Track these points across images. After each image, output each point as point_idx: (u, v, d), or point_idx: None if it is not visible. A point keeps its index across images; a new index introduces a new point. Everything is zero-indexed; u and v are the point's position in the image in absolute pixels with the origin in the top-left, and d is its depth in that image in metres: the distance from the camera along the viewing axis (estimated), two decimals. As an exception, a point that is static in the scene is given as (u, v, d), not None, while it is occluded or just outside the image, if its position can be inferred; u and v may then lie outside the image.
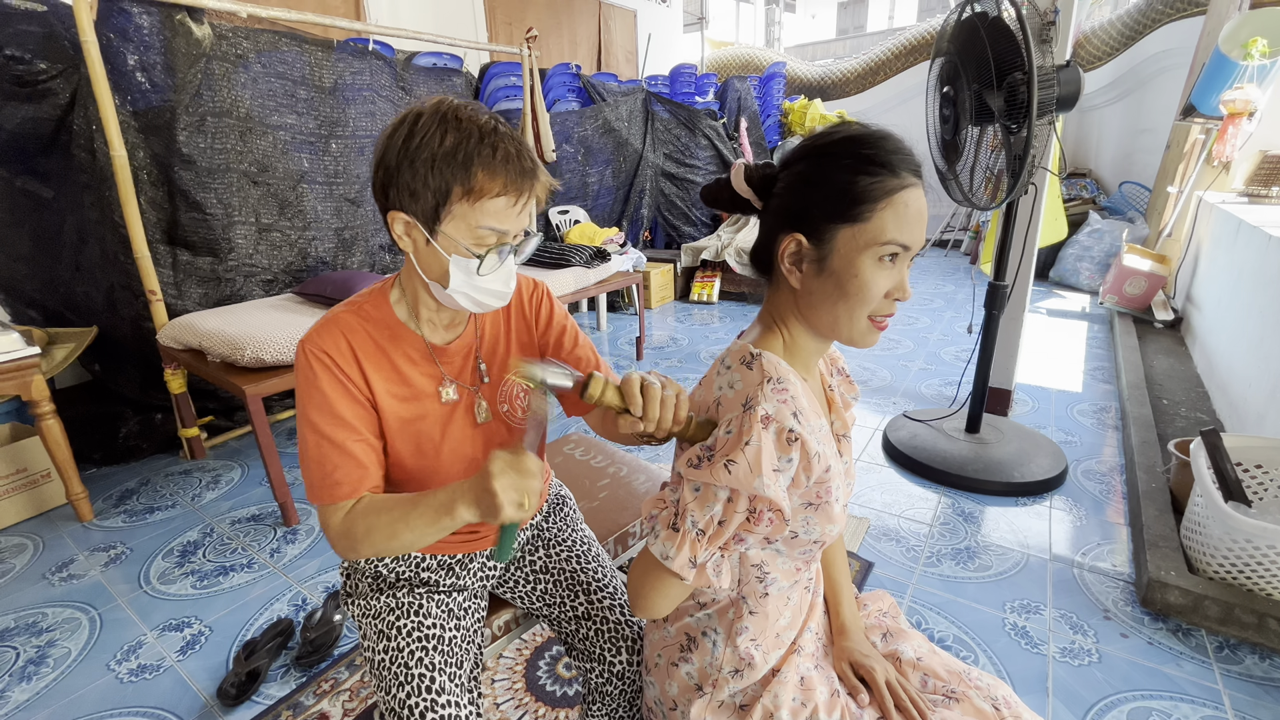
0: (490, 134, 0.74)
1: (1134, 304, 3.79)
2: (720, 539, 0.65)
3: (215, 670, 1.44)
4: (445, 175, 0.72)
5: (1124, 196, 5.11)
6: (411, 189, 0.74)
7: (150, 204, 2.29)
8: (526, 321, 0.95)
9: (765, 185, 0.70)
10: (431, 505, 0.73)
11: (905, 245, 0.64)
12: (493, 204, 0.74)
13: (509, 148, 0.74)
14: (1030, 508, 1.97)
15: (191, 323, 2.07)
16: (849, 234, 0.64)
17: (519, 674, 1.40)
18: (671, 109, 4.84)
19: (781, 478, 0.63)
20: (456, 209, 0.74)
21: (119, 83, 2.15)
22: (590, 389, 0.65)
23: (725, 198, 0.73)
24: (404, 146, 0.73)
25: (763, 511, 0.63)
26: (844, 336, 0.69)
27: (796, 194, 0.66)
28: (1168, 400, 2.68)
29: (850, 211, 0.63)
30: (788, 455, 0.62)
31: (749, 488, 0.61)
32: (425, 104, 0.76)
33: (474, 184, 0.73)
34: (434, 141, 0.72)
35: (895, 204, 0.63)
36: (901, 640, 0.86)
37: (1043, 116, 1.68)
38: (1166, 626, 1.47)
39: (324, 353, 0.78)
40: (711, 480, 0.63)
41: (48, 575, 1.78)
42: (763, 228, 0.71)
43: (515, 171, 0.75)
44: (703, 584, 0.65)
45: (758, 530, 0.64)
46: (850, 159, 0.63)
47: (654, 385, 0.66)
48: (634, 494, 1.32)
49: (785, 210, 0.67)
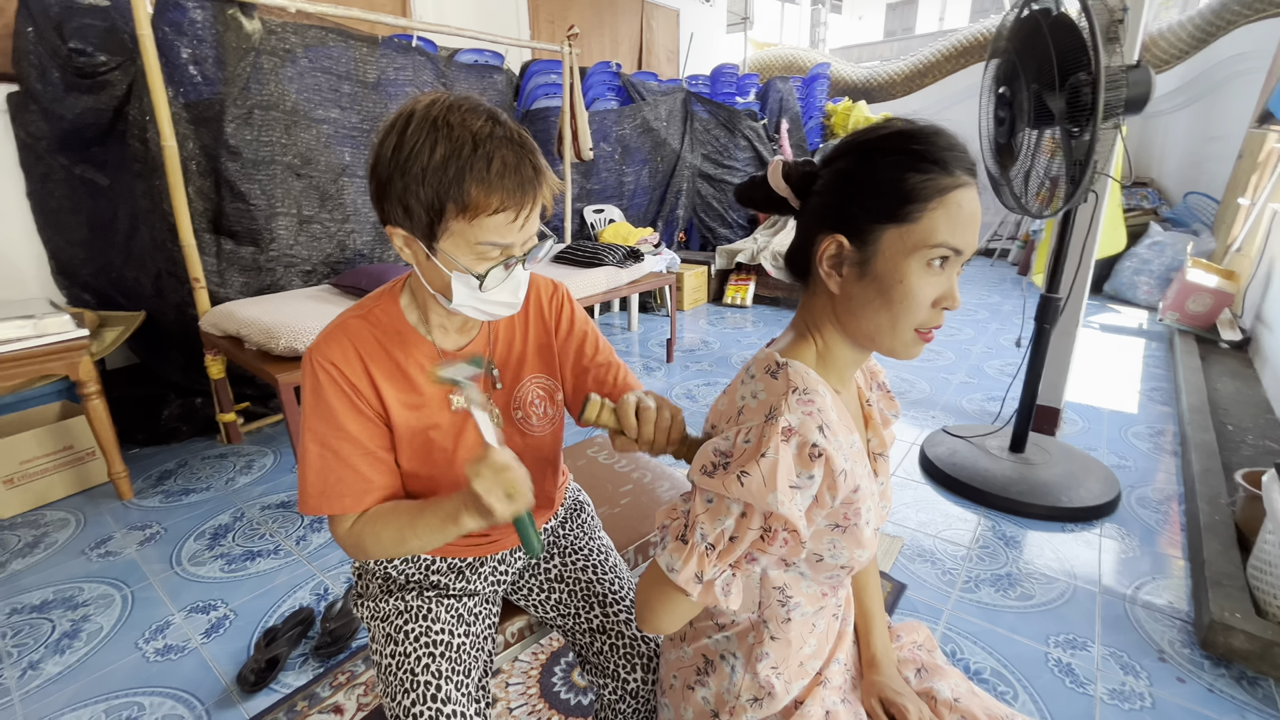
0: (485, 142, 0.67)
1: (1197, 322, 3.58)
2: (731, 555, 0.60)
3: (237, 655, 1.45)
4: (437, 191, 0.67)
5: (1188, 208, 4.84)
6: (404, 204, 0.69)
7: (197, 194, 2.35)
8: (545, 325, 0.92)
9: (804, 183, 0.65)
10: (437, 514, 0.73)
11: (957, 249, 0.59)
12: (491, 220, 0.69)
13: (506, 156, 0.68)
14: (1078, 535, 1.86)
15: (231, 310, 2.11)
16: (895, 235, 0.58)
17: (533, 679, 1.37)
18: (711, 109, 4.78)
19: (800, 495, 0.58)
20: (453, 225, 0.69)
21: (172, 75, 2.21)
22: (586, 412, 0.65)
23: (761, 196, 0.68)
24: (394, 157, 0.68)
25: (777, 531, 0.59)
26: (885, 347, 0.64)
27: (838, 192, 0.61)
28: (1233, 426, 2.50)
29: (898, 211, 0.58)
30: (809, 472, 0.57)
31: (762, 503, 0.57)
32: (418, 103, 0.69)
33: (468, 201, 0.67)
34: (424, 153, 0.66)
35: (947, 204, 0.57)
36: (938, 677, 0.80)
37: (1108, 120, 1.57)
38: (1229, 673, 1.36)
39: (332, 364, 0.76)
40: (724, 491, 0.59)
41: (86, 551, 1.84)
42: (800, 228, 0.67)
43: (514, 184, 0.68)
44: (709, 602, 0.61)
45: (772, 550, 0.59)
46: (899, 155, 0.58)
47: (649, 408, 0.65)
48: (657, 501, 1.28)
49: (825, 209, 0.63)
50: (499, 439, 0.69)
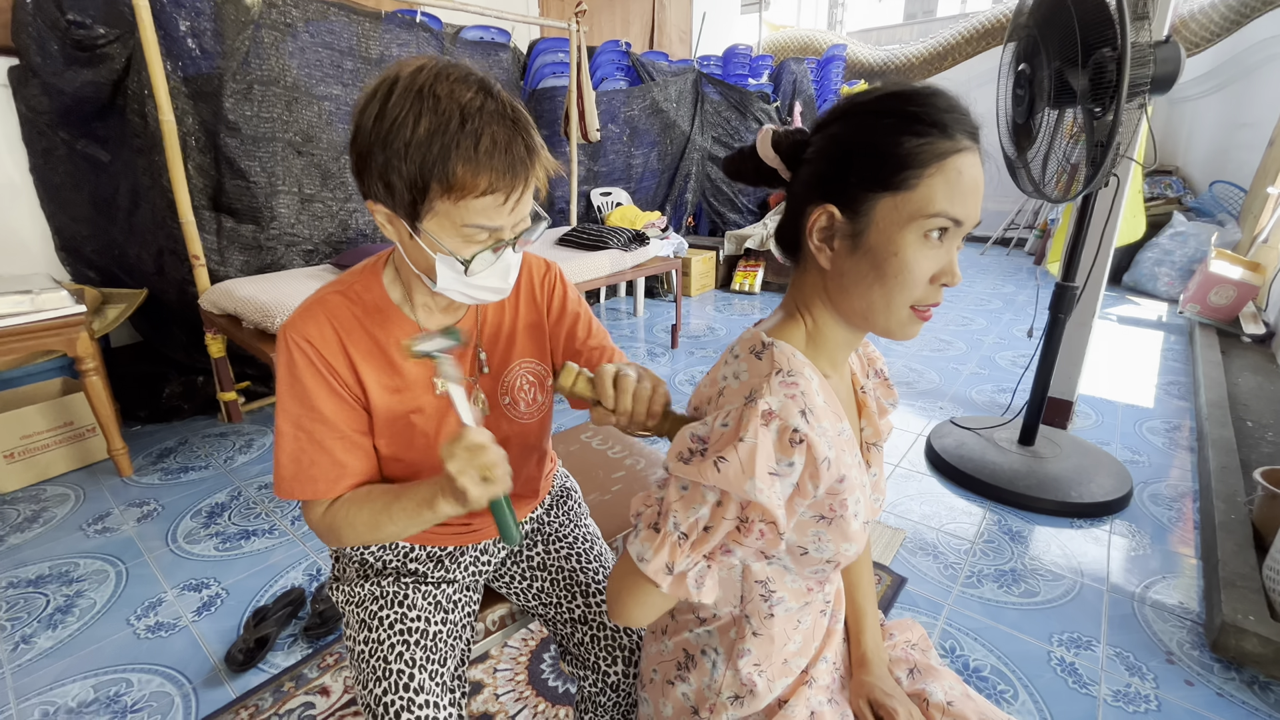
0: (474, 116, 0.62)
1: (1219, 315, 3.47)
2: (705, 546, 0.57)
3: (227, 634, 1.44)
4: (420, 168, 0.62)
5: (1214, 197, 4.69)
6: (385, 180, 0.64)
7: (197, 170, 2.32)
8: (537, 306, 0.88)
9: (795, 152, 0.60)
10: (413, 499, 0.69)
11: (957, 220, 0.54)
12: (479, 203, 0.64)
13: (497, 133, 0.62)
14: (1087, 531, 1.80)
15: (229, 289, 2.10)
16: (890, 205, 0.54)
17: (522, 665, 1.35)
18: (723, 90, 4.68)
19: (780, 483, 0.54)
20: (438, 206, 0.64)
21: (170, 48, 2.18)
22: (561, 379, 0.62)
23: (750, 168, 0.64)
24: (375, 128, 0.63)
25: (754, 521, 0.55)
26: (880, 326, 0.59)
27: (830, 159, 0.57)
28: (1252, 422, 2.43)
29: (892, 178, 0.53)
30: (789, 458, 0.53)
31: (739, 490, 0.53)
32: (403, 69, 0.64)
33: (454, 181, 0.62)
34: (406, 126, 0.61)
35: (946, 170, 0.53)
36: (930, 679, 0.77)
37: (1133, 99, 1.50)
38: (1240, 677, 1.31)
39: (307, 342, 0.73)
40: (699, 478, 0.55)
41: (84, 526, 1.84)
42: (790, 201, 0.62)
43: (504, 165, 0.63)
44: (681, 595, 0.57)
45: (748, 543, 0.55)
46: (894, 118, 0.53)
47: (628, 376, 0.60)
48: (649, 488, 1.24)
49: (816, 179, 0.58)
50: (477, 418, 0.66)
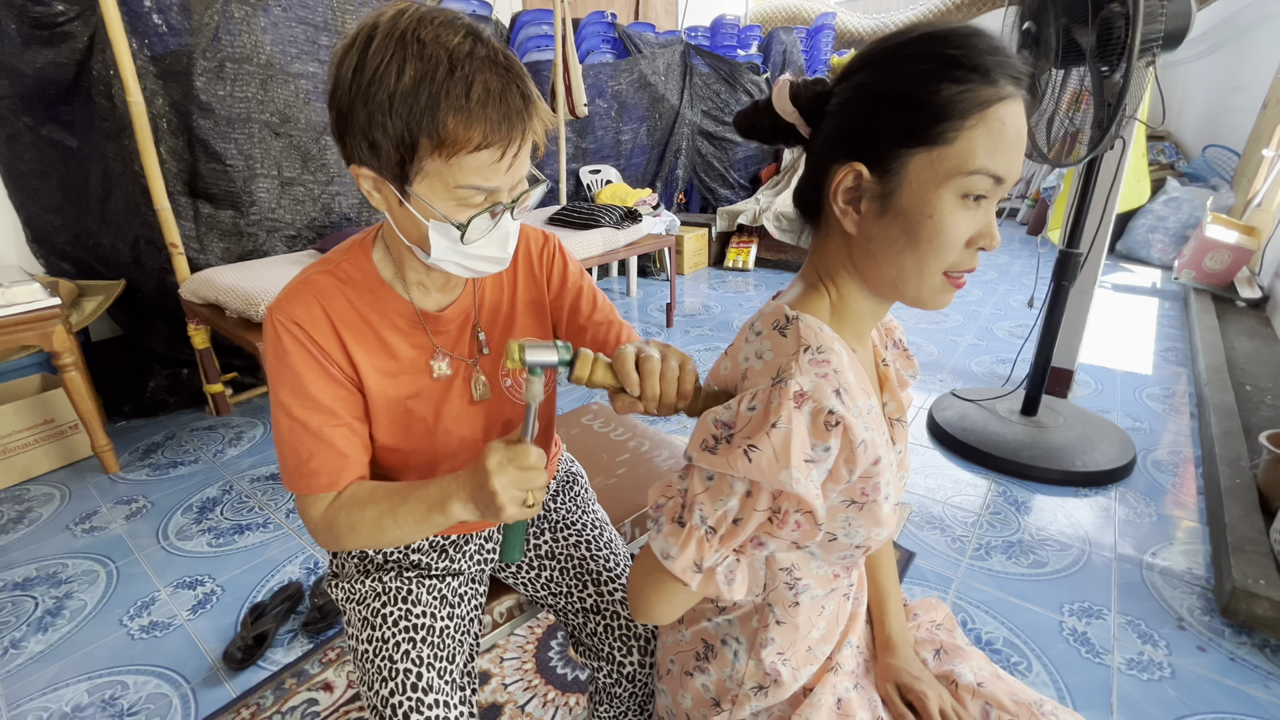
0: (463, 62, 0.56)
1: (1214, 280, 3.47)
2: (734, 540, 0.53)
3: (224, 631, 1.41)
4: (408, 123, 0.56)
5: (1206, 162, 4.67)
6: (370, 138, 0.58)
7: (170, 154, 2.23)
8: (536, 281, 0.83)
9: (815, 105, 0.55)
10: (423, 501, 0.64)
11: (998, 177, 0.50)
12: (473, 159, 0.58)
13: (490, 81, 0.57)
14: (1092, 499, 1.80)
15: (210, 277, 2.02)
16: (925, 161, 0.49)
17: (529, 654, 1.33)
18: (712, 62, 4.57)
19: (815, 470, 0.50)
20: (428, 165, 0.59)
21: (135, 25, 2.07)
22: (577, 369, 0.55)
23: (765, 125, 0.59)
24: (354, 80, 0.57)
25: (788, 512, 0.51)
26: (910, 295, 0.55)
27: (857, 111, 0.52)
28: (1251, 386, 2.43)
29: (928, 131, 0.48)
30: (825, 443, 0.50)
31: (773, 481, 0.49)
32: (382, 15, 0.58)
33: (445, 135, 0.56)
34: (389, 76, 0.55)
35: (989, 121, 0.48)
36: (958, 659, 0.74)
37: (1142, 56, 1.45)
38: (1252, 641, 1.31)
39: (295, 324, 0.67)
40: (728, 469, 0.51)
41: (71, 526, 1.79)
42: (810, 160, 0.57)
43: (499, 115, 0.57)
44: (711, 592, 0.54)
45: (782, 535, 0.52)
46: (931, 62, 0.48)
47: (652, 358, 0.55)
48: (655, 472, 1.21)
49: (841, 134, 0.53)
50: (534, 434, 0.61)
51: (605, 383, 0.57)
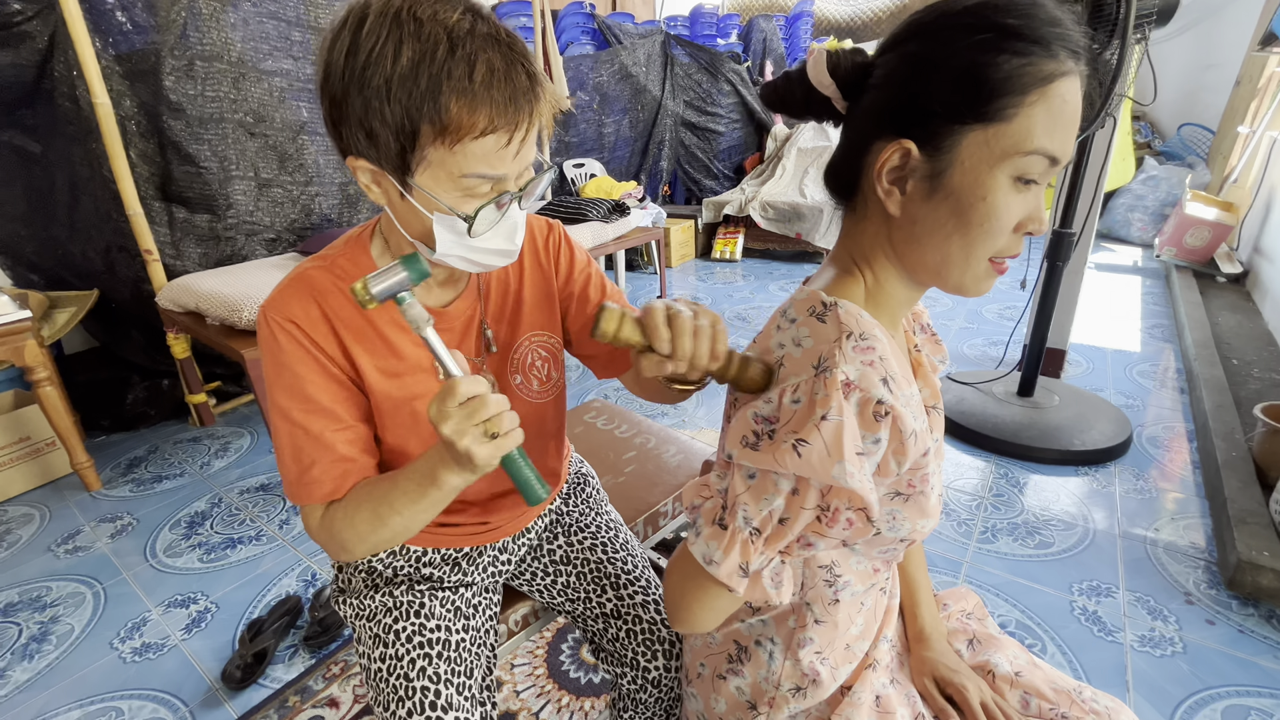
0: (464, 41, 0.52)
1: (1194, 257, 3.52)
2: (780, 541, 0.50)
3: (221, 650, 1.36)
4: (407, 109, 0.52)
5: (1182, 140, 4.74)
6: (367, 127, 0.54)
7: (141, 157, 2.14)
8: (544, 271, 0.79)
9: (855, 77, 0.53)
10: (412, 479, 0.59)
11: (1055, 158, 0.47)
12: (478, 145, 0.54)
13: (493, 60, 0.53)
14: (1093, 477, 1.81)
15: (188, 284, 1.95)
16: (979, 140, 0.47)
17: (540, 659, 1.30)
18: (692, 52, 4.53)
19: (867, 463, 0.48)
20: (431, 154, 0.55)
21: (98, 23, 1.98)
22: (603, 324, 0.50)
23: (797, 97, 0.56)
24: (348, 65, 0.53)
25: (838, 510, 0.48)
26: (953, 282, 0.53)
27: (905, 84, 0.49)
28: (1237, 360, 2.46)
29: (986, 107, 0.46)
30: (874, 435, 0.47)
31: (825, 477, 0.46)
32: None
33: (448, 120, 0.53)
34: (386, 58, 0.51)
35: (1049, 97, 0.45)
36: (993, 649, 0.73)
37: (1135, 32, 1.44)
38: (1258, 612, 1.32)
39: (290, 322, 0.63)
40: (774, 465, 0.48)
41: (53, 547, 1.72)
42: (848, 136, 0.55)
43: (504, 97, 0.53)
44: (757, 597, 0.51)
45: (831, 534, 0.49)
46: (989, 32, 0.45)
47: (683, 314, 0.51)
48: (664, 468, 1.18)
49: (886, 108, 0.50)
50: (464, 368, 0.55)
51: (632, 339, 0.52)
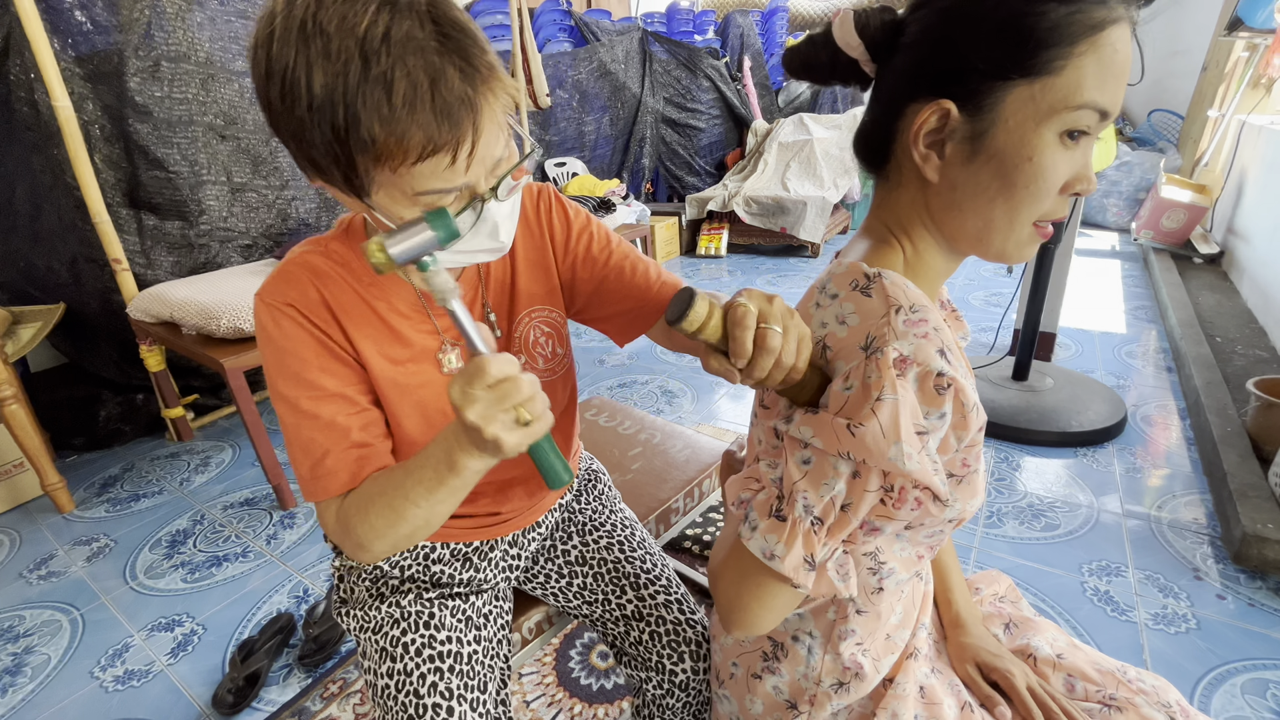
0: (378, 54, 0.44)
1: (1171, 239, 3.58)
2: (845, 529, 0.47)
3: (210, 674, 1.29)
4: (332, 141, 0.46)
5: (1152, 126, 4.82)
6: (307, 155, 0.49)
7: (106, 162, 2.05)
8: (536, 240, 0.72)
9: (886, 37, 0.49)
10: (428, 467, 0.53)
11: (1105, 111, 0.45)
12: (422, 167, 0.48)
13: (414, 70, 0.45)
14: (1092, 458, 1.81)
15: (161, 293, 1.87)
16: (1025, 96, 0.44)
17: (548, 666, 1.25)
18: (670, 48, 4.51)
19: (930, 440, 0.44)
20: (377, 177, 0.49)
21: (55, 23, 1.89)
22: (691, 314, 0.43)
23: (823, 61, 0.53)
24: (269, 90, 0.47)
25: (905, 489, 0.45)
26: (995, 248, 0.50)
27: (941, 41, 0.46)
28: (1221, 338, 2.49)
29: (1032, 60, 0.43)
30: (939, 409, 0.44)
31: (880, 460, 0.43)
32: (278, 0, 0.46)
33: (378, 150, 0.46)
34: (300, 83, 0.45)
35: (1100, 47, 0.43)
36: (1031, 632, 0.70)
37: (1122, 9, 1.44)
38: (1267, 585, 1.32)
39: (289, 305, 0.59)
40: (832, 442, 0.45)
41: (25, 574, 1.63)
42: (878, 101, 0.51)
43: (434, 114, 0.45)
44: (824, 591, 0.48)
45: (900, 515, 0.46)
46: None
47: (774, 332, 0.44)
48: (672, 463, 1.15)
49: (921, 68, 0.47)
50: (491, 344, 0.50)
51: (712, 339, 0.46)
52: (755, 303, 0.44)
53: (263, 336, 0.60)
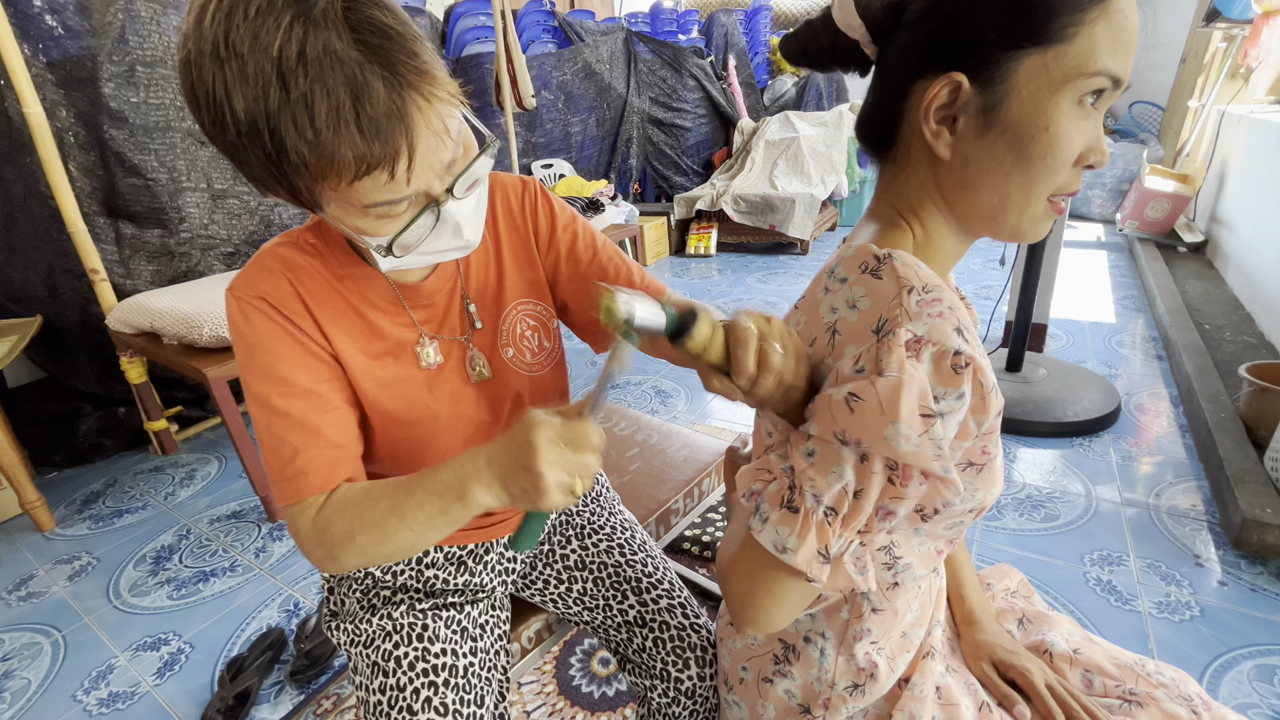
0: (294, 73, 0.41)
1: (1155, 229, 3.61)
2: (858, 517, 0.45)
3: (199, 693, 1.25)
4: (267, 166, 0.45)
5: (1133, 118, 4.88)
6: (250, 175, 0.47)
7: (81, 170, 2.00)
8: (521, 235, 0.71)
9: (886, 16, 0.48)
10: (435, 490, 0.51)
11: (1118, 78, 0.43)
12: (363, 183, 0.46)
13: (334, 87, 0.42)
14: (1088, 447, 1.81)
15: (141, 303, 1.82)
16: (1038, 64, 0.42)
17: (548, 674, 1.23)
18: (655, 48, 4.50)
19: (946, 423, 0.42)
20: (321, 194, 0.47)
21: (25, 28, 1.84)
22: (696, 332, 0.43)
23: (823, 45, 0.51)
24: (200, 112, 0.45)
25: (908, 466, 0.43)
26: (1009, 226, 0.48)
27: (947, 14, 0.44)
28: (1209, 325, 2.51)
29: (1045, 27, 0.41)
30: (957, 389, 0.42)
31: (876, 439, 0.42)
32: (190, 15, 0.43)
33: (313, 170, 0.44)
34: (224, 108, 0.43)
35: (1110, 13, 0.41)
36: (1046, 627, 0.68)
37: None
38: (1268, 570, 1.32)
39: (261, 299, 0.56)
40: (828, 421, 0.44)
41: (4, 595, 1.58)
42: (883, 81, 0.50)
43: (363, 130, 0.43)
44: (841, 585, 0.46)
45: (909, 493, 0.44)
46: None
47: (776, 353, 0.44)
48: (671, 463, 1.12)
49: (927, 43, 0.46)
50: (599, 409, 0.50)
51: (714, 360, 0.45)
52: (755, 323, 0.44)
53: (234, 332, 0.58)
